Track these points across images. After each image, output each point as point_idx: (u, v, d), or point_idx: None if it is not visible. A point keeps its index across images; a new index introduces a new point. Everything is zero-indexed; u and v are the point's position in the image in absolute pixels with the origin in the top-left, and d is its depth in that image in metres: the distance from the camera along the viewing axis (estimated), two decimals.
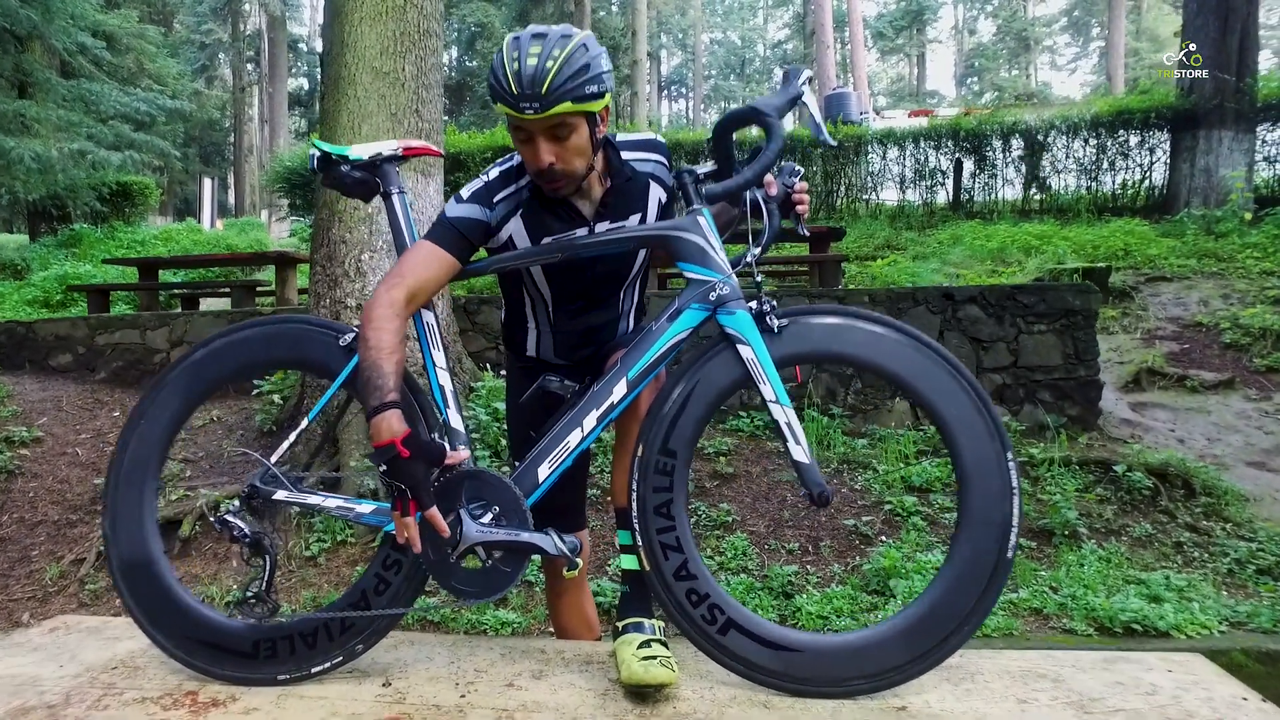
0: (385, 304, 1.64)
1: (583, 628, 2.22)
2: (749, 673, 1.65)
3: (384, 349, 1.58)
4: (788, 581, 3.78)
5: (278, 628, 1.71)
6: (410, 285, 1.68)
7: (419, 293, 1.70)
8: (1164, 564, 3.93)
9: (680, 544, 1.69)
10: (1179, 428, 5.60)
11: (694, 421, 1.73)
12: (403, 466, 1.49)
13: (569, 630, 2.21)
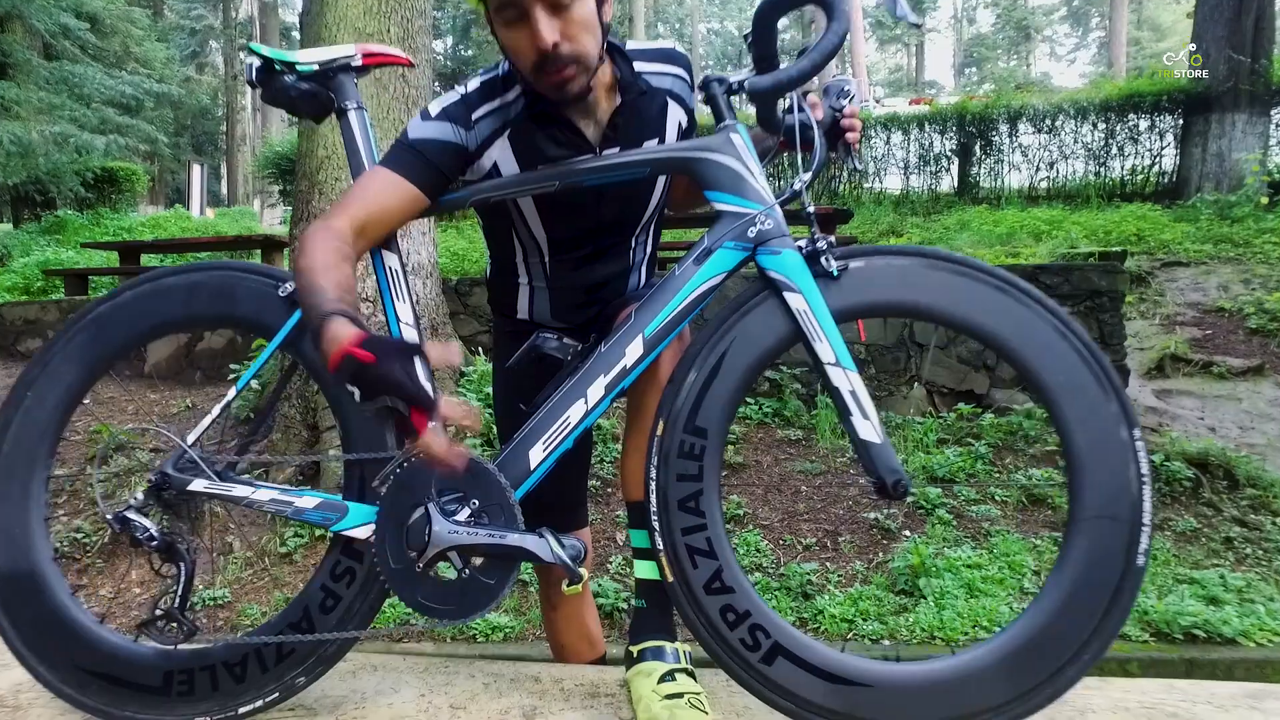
0: (321, 230, 1.24)
1: (583, 644, 1.82)
2: (801, 713, 1.26)
3: (318, 267, 1.19)
4: (806, 581, 3.40)
5: (196, 656, 1.31)
6: (356, 215, 1.28)
7: (369, 225, 1.30)
8: (1215, 561, 3.55)
9: (713, 547, 1.30)
10: (1209, 415, 5.23)
11: (728, 392, 1.34)
12: (374, 374, 1.06)
13: (567, 647, 1.81)
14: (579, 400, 1.31)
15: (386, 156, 1.36)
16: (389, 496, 1.25)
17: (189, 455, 1.32)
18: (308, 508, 1.28)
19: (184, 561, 1.29)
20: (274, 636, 1.27)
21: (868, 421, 1.28)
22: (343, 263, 1.21)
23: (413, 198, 1.35)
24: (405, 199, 1.34)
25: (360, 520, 1.28)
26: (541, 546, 1.21)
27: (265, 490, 1.29)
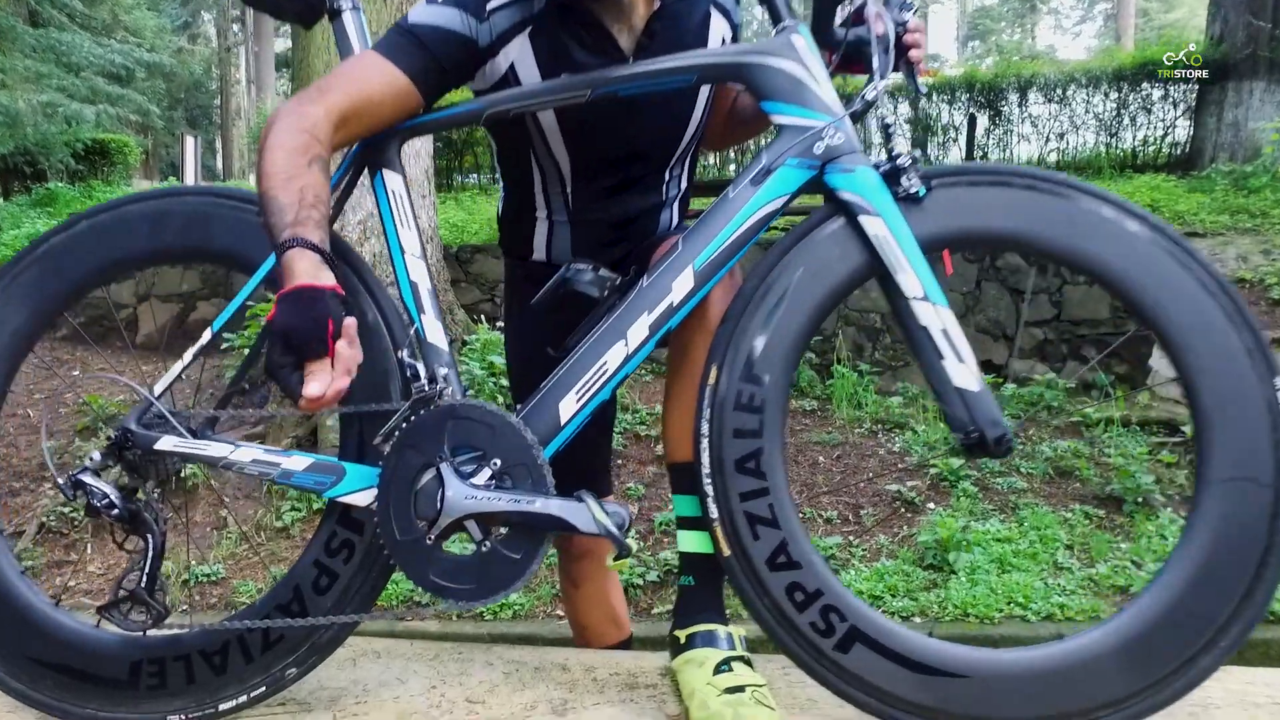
0: (291, 116, 1.03)
1: (608, 626, 1.62)
2: (883, 709, 1.06)
3: (278, 173, 0.99)
4: (830, 556, 3.21)
5: (169, 643, 1.10)
6: (336, 103, 1.06)
7: (350, 117, 1.08)
8: None
9: (776, 515, 1.09)
10: None
11: (794, 333, 1.12)
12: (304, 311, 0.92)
13: (589, 629, 1.61)
14: (618, 343, 1.10)
15: (379, 40, 1.14)
16: (393, 456, 1.04)
17: (156, 409, 1.10)
18: (297, 470, 1.07)
19: (151, 534, 1.08)
20: (259, 621, 1.07)
21: (964, 366, 1.07)
22: (311, 165, 1.00)
23: (403, 91, 1.13)
24: (394, 91, 1.12)
25: (359, 484, 1.07)
26: (579, 514, 1.00)
27: (247, 450, 1.08)
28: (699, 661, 1.10)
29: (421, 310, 1.12)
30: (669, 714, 1.13)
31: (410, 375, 1.06)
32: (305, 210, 0.96)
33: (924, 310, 1.08)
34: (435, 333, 1.11)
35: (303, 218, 0.95)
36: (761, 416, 1.11)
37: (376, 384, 1.10)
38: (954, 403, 1.10)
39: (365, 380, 1.09)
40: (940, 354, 1.07)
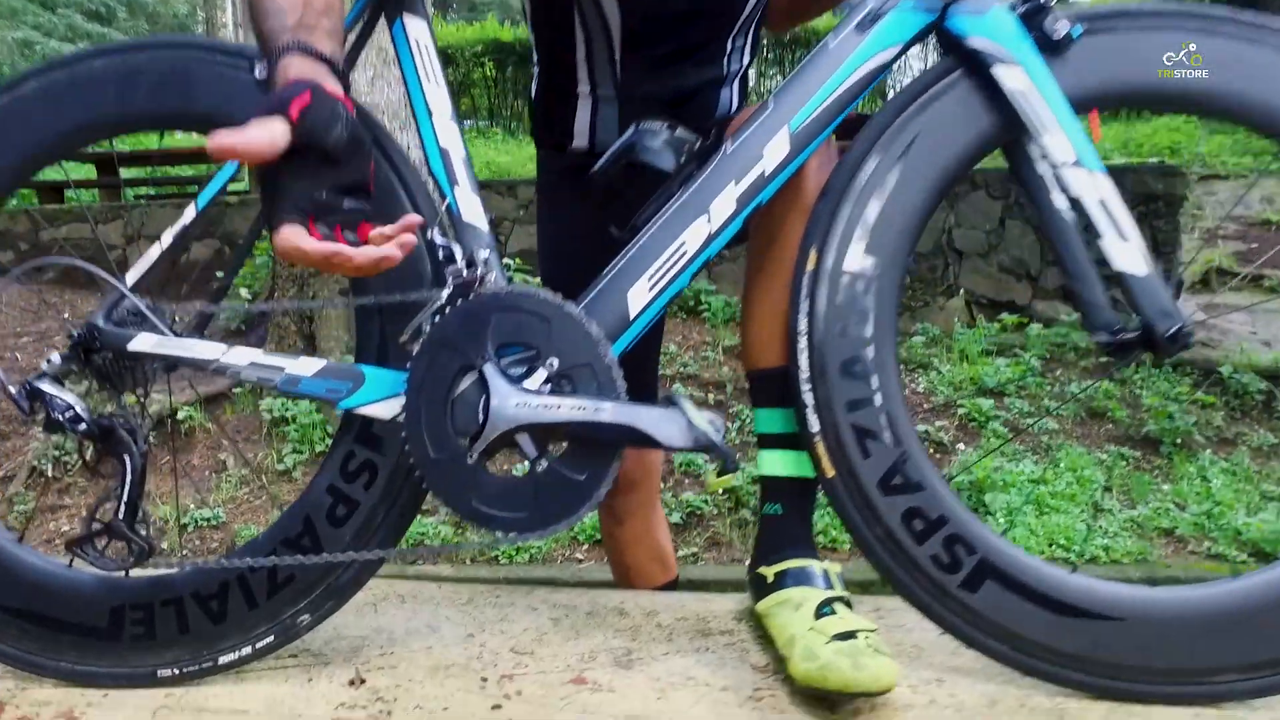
0: None
1: (654, 565, 1.44)
2: (1018, 656, 0.87)
3: None
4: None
5: (156, 586, 0.90)
6: None
7: None
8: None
9: (890, 428, 0.89)
10: (1261, 330, 4.85)
11: (910, 210, 0.91)
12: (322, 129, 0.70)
13: (634, 570, 1.43)
14: (698, 219, 0.88)
15: None
16: (424, 357, 0.83)
17: (130, 302, 0.89)
18: (305, 375, 0.86)
19: (130, 455, 0.87)
20: (264, 559, 0.87)
21: (1128, 245, 0.86)
22: None
23: None
24: None
25: (382, 392, 0.86)
26: (666, 423, 0.79)
27: (243, 352, 0.86)
28: (795, 603, 0.91)
29: (455, 182, 0.90)
30: (754, 664, 0.94)
31: (444, 258, 0.85)
32: (312, 15, 0.74)
33: (1078, 178, 0.86)
34: (472, 209, 0.89)
35: (309, 22, 0.73)
36: (873, 311, 0.90)
37: (400, 270, 0.88)
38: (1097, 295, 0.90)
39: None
40: (1098, 231, 0.86)
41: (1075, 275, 0.92)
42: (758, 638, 1.01)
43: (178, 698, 0.87)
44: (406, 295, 0.86)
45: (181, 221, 0.90)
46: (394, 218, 0.76)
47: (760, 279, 1.00)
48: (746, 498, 3.08)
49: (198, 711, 0.85)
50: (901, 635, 1.01)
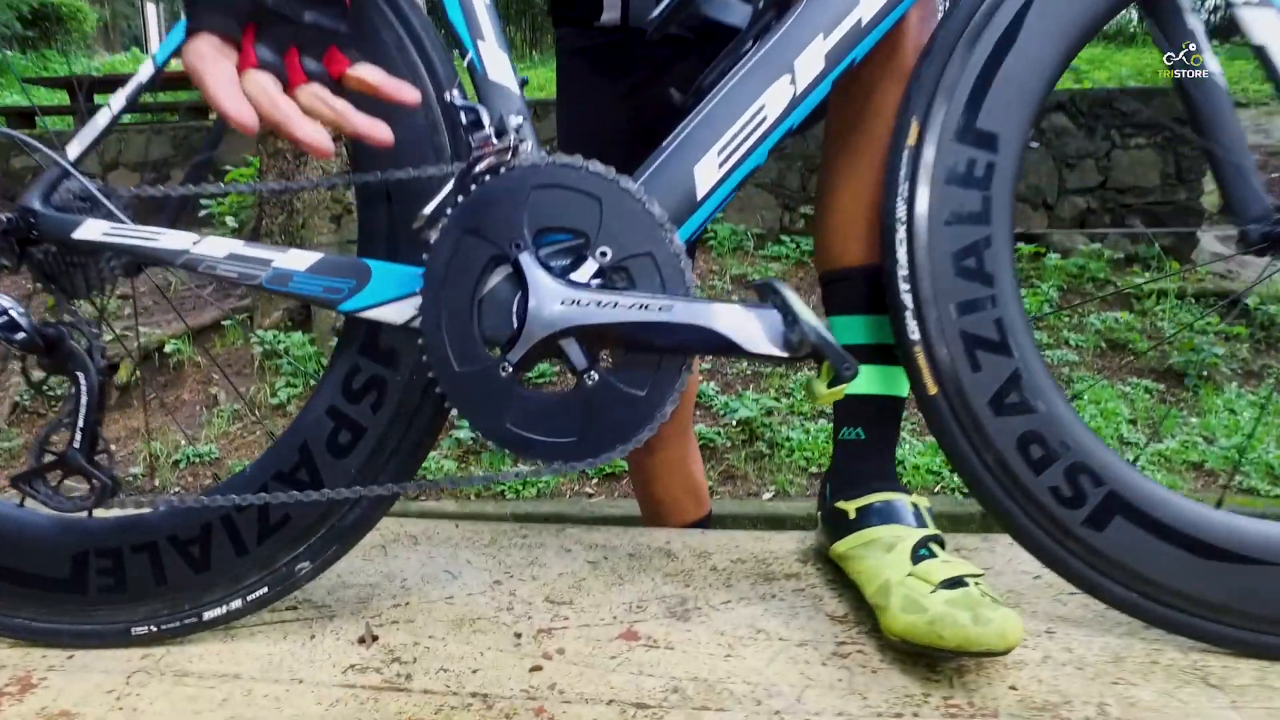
0: None
1: (687, 499, 1.31)
2: (1151, 606, 0.74)
3: None
4: None
5: (125, 528, 0.75)
6: None
7: None
8: None
9: (1006, 336, 0.73)
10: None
11: (1037, 72, 0.74)
12: None
13: (665, 505, 1.29)
14: (781, 77, 0.70)
15: None
16: (445, 246, 0.66)
17: (75, 183, 0.71)
18: (297, 270, 0.69)
19: (84, 371, 0.71)
20: (252, 495, 0.71)
21: None
22: None
23: None
24: None
25: (392, 292, 0.69)
26: (753, 322, 0.62)
27: (219, 242, 0.69)
28: (886, 544, 0.76)
29: (478, 35, 0.71)
30: (830, 613, 0.81)
31: (468, 124, 0.67)
32: None
33: (1264, 20, 0.69)
34: (499, 67, 0.71)
35: None
36: (988, 193, 0.73)
37: (410, 141, 0.70)
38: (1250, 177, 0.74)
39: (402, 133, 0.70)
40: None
41: (1225, 152, 0.76)
42: (829, 581, 0.87)
43: (156, 659, 0.72)
44: (422, 170, 0.68)
45: (137, 79, 0.72)
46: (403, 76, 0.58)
47: (843, 159, 0.82)
48: (761, 429, 2.95)
49: (180, 676, 0.70)
50: (991, 579, 0.87)
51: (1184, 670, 0.71)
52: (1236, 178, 0.75)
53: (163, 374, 3.34)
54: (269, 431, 2.87)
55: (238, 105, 0.52)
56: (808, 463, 2.85)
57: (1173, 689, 0.69)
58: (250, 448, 2.88)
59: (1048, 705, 0.67)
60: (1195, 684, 0.69)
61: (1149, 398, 3.14)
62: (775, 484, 2.76)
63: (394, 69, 0.70)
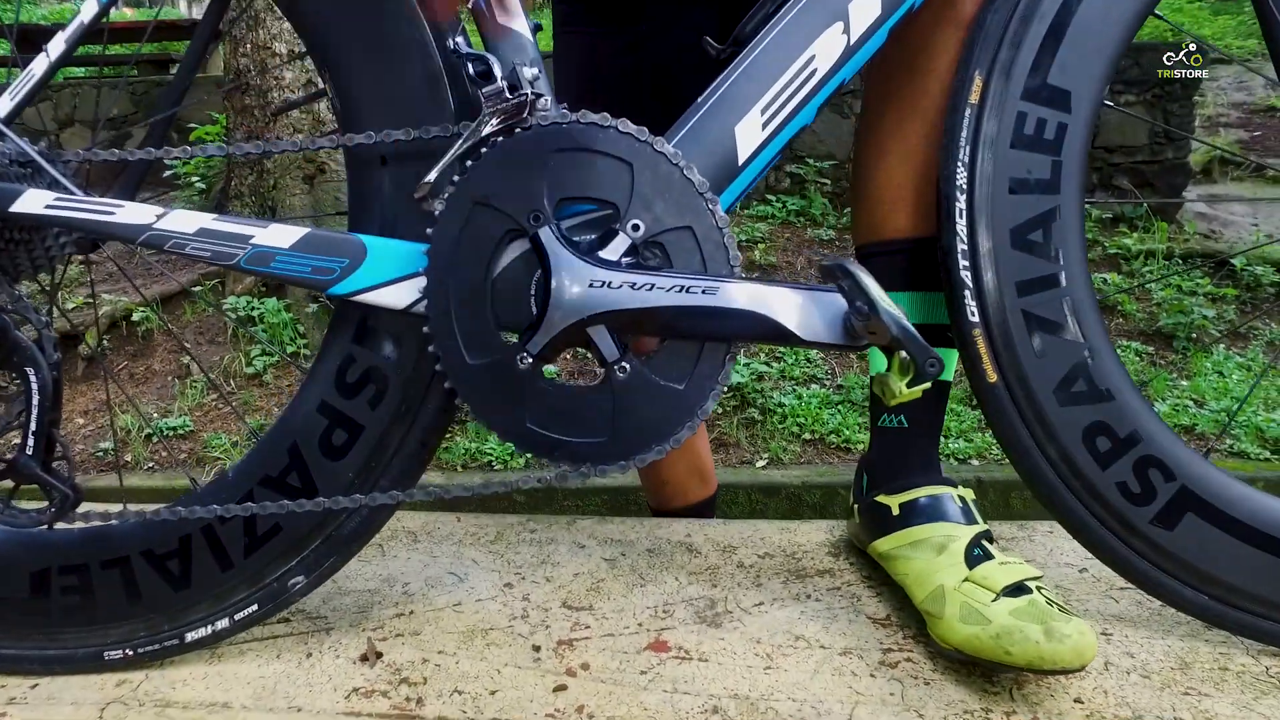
0: None
1: (693, 480, 1.24)
2: (1222, 610, 0.68)
3: None
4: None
5: (92, 542, 0.66)
6: None
7: None
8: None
9: (1078, 317, 0.66)
10: (1263, 222, 4.70)
11: (1114, 22, 0.65)
12: None
13: (670, 485, 1.23)
14: (833, 24, 0.61)
15: None
16: (453, 219, 0.57)
17: (10, 143, 0.60)
18: (280, 247, 0.59)
19: (35, 368, 0.61)
20: (235, 506, 0.62)
21: None
22: None
23: None
24: None
25: (391, 272, 0.60)
26: (811, 307, 0.55)
27: (187, 215, 0.59)
28: (936, 544, 0.70)
29: None
30: (871, 616, 0.75)
31: (475, 75, 0.57)
32: None
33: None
34: (509, 9, 0.61)
35: None
36: (1058, 158, 0.65)
37: (406, 95, 0.60)
38: None
39: (383, 91, 0.60)
40: None
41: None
42: (864, 578, 0.81)
43: (134, 686, 0.64)
44: (423, 130, 0.59)
45: (78, 20, 0.61)
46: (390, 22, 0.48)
47: (890, 118, 0.74)
48: (753, 395, 2.90)
49: (162, 706, 0.62)
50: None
51: (1258, 678, 0.66)
52: None
53: (131, 343, 3.20)
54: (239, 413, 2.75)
55: None
56: (800, 429, 2.80)
57: (1250, 700, 0.63)
58: (227, 419, 2.77)
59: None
60: (1274, 694, 0.64)
61: (1139, 360, 3.13)
62: (769, 451, 2.71)
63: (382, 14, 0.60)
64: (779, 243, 3.96)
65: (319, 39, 0.62)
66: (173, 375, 3.07)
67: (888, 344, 0.52)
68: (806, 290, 0.55)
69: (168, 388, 3.00)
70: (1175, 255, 3.80)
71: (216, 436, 2.72)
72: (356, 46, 0.61)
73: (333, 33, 0.62)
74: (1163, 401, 2.85)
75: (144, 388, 3.10)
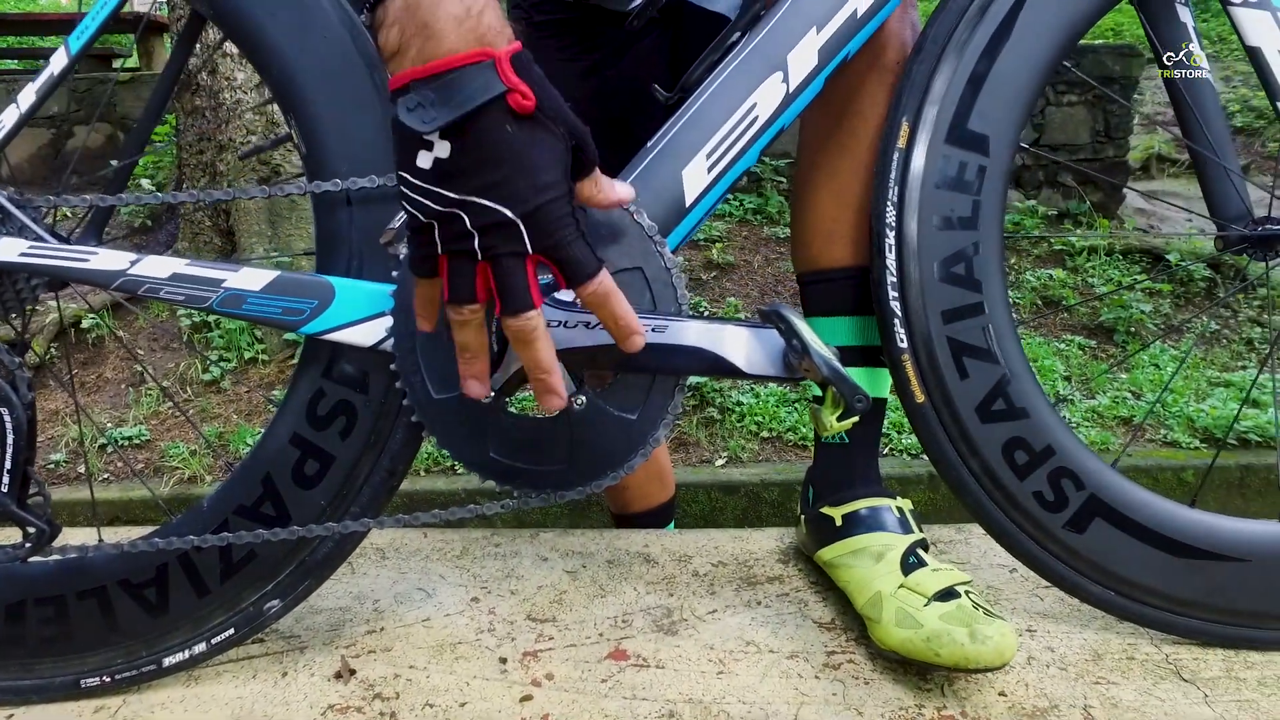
0: None
1: (653, 484, 1.29)
2: (1126, 604, 0.75)
3: None
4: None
5: (68, 573, 0.68)
6: None
7: None
8: (1240, 364, 3.29)
9: (993, 343, 0.72)
10: (1196, 218, 4.91)
11: (1029, 71, 0.71)
12: (511, 146, 0.46)
13: (631, 489, 1.27)
14: (772, 74, 0.66)
15: None
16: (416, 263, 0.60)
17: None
18: (251, 290, 0.62)
19: (9, 407, 0.63)
20: (210, 536, 0.65)
21: None
22: None
23: None
24: None
25: (359, 312, 0.63)
26: (754, 344, 0.59)
27: (160, 261, 0.62)
28: (875, 553, 0.76)
29: None
30: (817, 620, 0.80)
31: None
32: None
33: (1257, 22, 0.68)
34: None
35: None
36: (977, 198, 0.71)
37: (368, 140, 0.64)
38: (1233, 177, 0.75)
39: (351, 139, 0.64)
40: (1277, 89, 0.69)
41: (1209, 151, 0.75)
42: (812, 584, 0.87)
43: (111, 712, 0.67)
44: (388, 178, 0.62)
45: (48, 71, 0.63)
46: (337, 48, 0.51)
47: (825, 157, 0.79)
48: (711, 394, 2.96)
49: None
50: (968, 573, 0.88)
51: (1159, 665, 0.73)
52: (1220, 178, 0.75)
53: (81, 351, 3.14)
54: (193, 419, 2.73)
55: None
56: (759, 427, 2.87)
57: (1150, 685, 0.71)
58: (184, 428, 2.74)
59: (1036, 711, 0.68)
60: (1171, 679, 0.71)
61: (1082, 354, 3.26)
62: (728, 450, 2.78)
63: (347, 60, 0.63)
64: (736, 241, 4.02)
65: (282, 83, 0.65)
66: (126, 383, 3.02)
67: (821, 381, 0.58)
68: (750, 327, 0.60)
69: (121, 396, 2.96)
70: (1115, 251, 3.96)
71: (175, 445, 2.69)
72: (320, 92, 0.64)
73: (296, 77, 0.65)
74: (1104, 394, 2.99)
75: (96, 396, 3.05)
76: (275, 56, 0.65)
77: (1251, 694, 0.69)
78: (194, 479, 2.51)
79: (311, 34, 0.64)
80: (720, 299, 3.47)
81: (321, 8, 0.64)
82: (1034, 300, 3.62)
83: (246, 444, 2.55)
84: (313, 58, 0.64)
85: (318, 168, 0.65)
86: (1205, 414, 2.78)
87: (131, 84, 4.42)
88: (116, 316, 3.20)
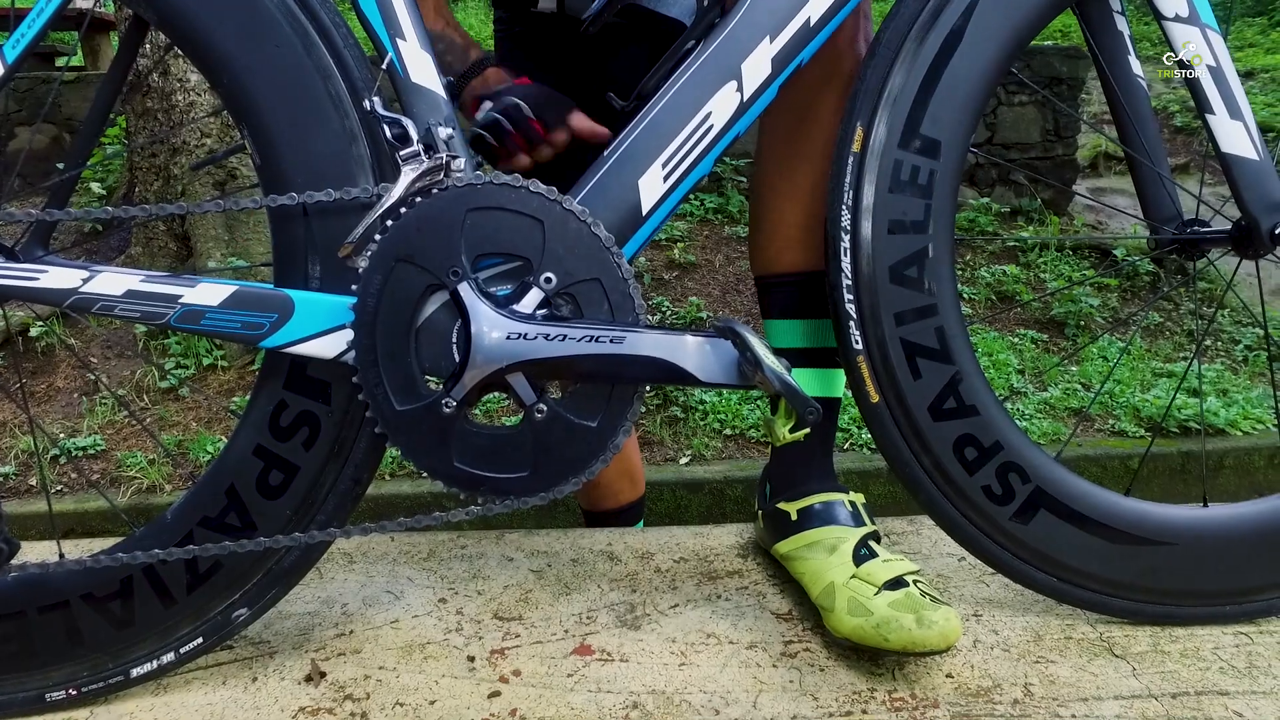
0: None
1: (623, 482, 1.31)
2: (1066, 589, 0.79)
3: None
4: None
5: (28, 588, 0.68)
6: None
7: None
8: (1183, 355, 3.41)
9: (946, 344, 0.75)
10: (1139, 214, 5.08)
11: (978, 78, 0.74)
12: None
13: (601, 487, 1.29)
14: (727, 83, 0.68)
15: None
16: (376, 275, 0.61)
17: None
18: (209, 305, 0.62)
19: None
20: (176, 549, 0.65)
21: (1239, 124, 0.72)
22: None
23: None
24: None
25: (319, 325, 0.64)
26: (709, 354, 0.61)
27: (115, 277, 0.62)
28: (828, 545, 0.78)
29: (398, 34, 0.65)
30: (775, 611, 0.83)
31: (393, 138, 0.62)
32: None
33: (1190, 38, 0.71)
34: (422, 69, 0.66)
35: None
36: (929, 202, 0.74)
37: (325, 153, 0.64)
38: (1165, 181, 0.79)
39: (306, 150, 0.64)
40: (1208, 105, 0.73)
41: (1143, 157, 0.79)
42: (770, 577, 0.89)
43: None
44: (343, 191, 0.63)
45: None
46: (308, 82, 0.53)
47: (781, 164, 0.81)
48: (675, 393, 2.98)
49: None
50: (919, 563, 0.92)
51: (1094, 644, 0.77)
52: (1153, 182, 0.79)
53: (30, 360, 3.06)
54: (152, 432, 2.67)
55: None
56: (722, 425, 2.90)
57: (1085, 662, 0.74)
58: (141, 437, 2.68)
59: (981, 690, 0.71)
60: (1104, 656, 0.75)
61: (1035, 348, 3.36)
62: (691, 448, 2.81)
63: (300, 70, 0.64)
64: (698, 240, 4.06)
65: (234, 93, 0.65)
66: (79, 392, 2.95)
67: (773, 394, 0.60)
68: (705, 337, 0.62)
69: (74, 405, 2.89)
70: (1066, 247, 4.08)
71: (132, 455, 2.64)
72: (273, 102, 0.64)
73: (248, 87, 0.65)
74: (1055, 386, 3.08)
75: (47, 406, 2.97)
76: (225, 65, 0.65)
77: (1174, 665, 0.73)
78: (153, 488, 2.47)
79: (263, 42, 0.64)
80: (682, 298, 3.51)
81: (272, 15, 0.65)
82: (989, 295, 3.71)
83: (207, 452, 2.51)
84: (265, 67, 0.64)
85: (274, 179, 0.65)
86: (1150, 404, 2.88)
87: (77, 84, 4.30)
88: (67, 324, 3.12)
